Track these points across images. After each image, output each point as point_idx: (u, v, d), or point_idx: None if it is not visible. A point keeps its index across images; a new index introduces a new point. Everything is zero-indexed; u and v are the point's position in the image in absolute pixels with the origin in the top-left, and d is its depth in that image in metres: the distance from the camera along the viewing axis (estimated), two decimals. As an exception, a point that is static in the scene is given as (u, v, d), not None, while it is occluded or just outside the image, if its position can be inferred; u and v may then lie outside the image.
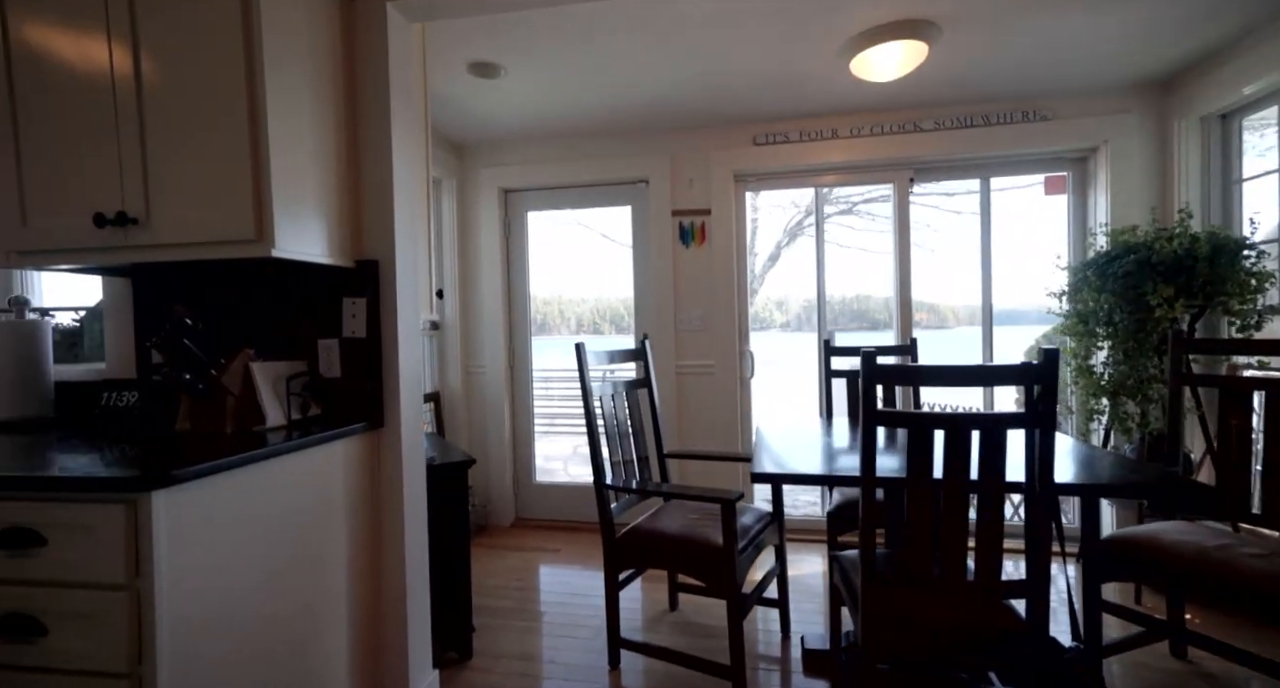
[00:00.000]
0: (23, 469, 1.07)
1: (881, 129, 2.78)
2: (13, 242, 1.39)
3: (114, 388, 1.60)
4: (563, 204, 3.29)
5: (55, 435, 1.44)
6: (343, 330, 1.57)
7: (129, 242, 1.33)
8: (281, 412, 1.46)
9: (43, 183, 1.37)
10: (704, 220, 3.01)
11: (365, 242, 1.59)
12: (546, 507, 3.34)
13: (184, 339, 1.27)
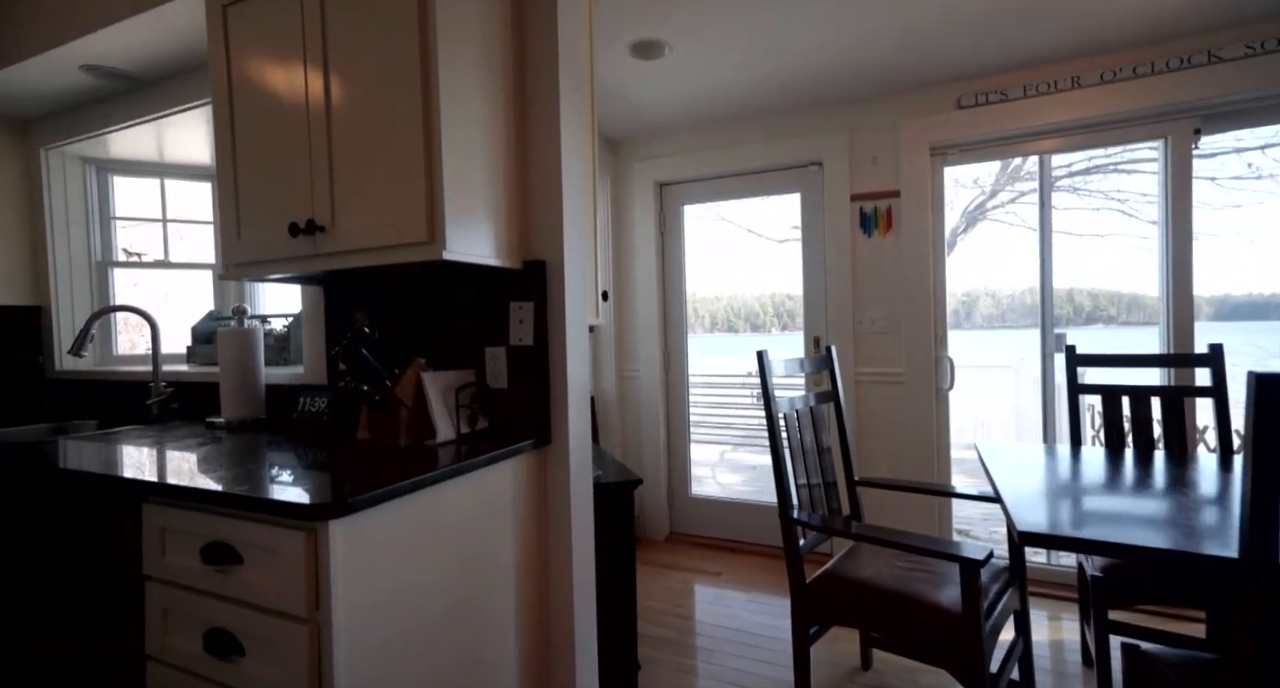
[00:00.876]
0: (224, 477, 1.07)
1: (1151, 68, 2.12)
2: (232, 255, 1.46)
3: (309, 393, 1.66)
4: (722, 195, 3.03)
5: (262, 438, 1.50)
6: (509, 338, 1.46)
7: (318, 249, 1.32)
8: (451, 424, 1.38)
9: (252, 199, 1.43)
10: (890, 204, 2.56)
11: (532, 241, 1.47)
12: (703, 522, 3.11)
13: (361, 349, 1.22)
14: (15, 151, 2.45)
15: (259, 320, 2.31)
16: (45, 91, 2.19)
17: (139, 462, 1.26)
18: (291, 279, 1.63)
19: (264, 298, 2.74)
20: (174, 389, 2.04)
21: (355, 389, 1.25)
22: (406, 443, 1.32)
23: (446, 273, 1.47)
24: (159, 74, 2.06)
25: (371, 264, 1.27)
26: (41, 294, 2.49)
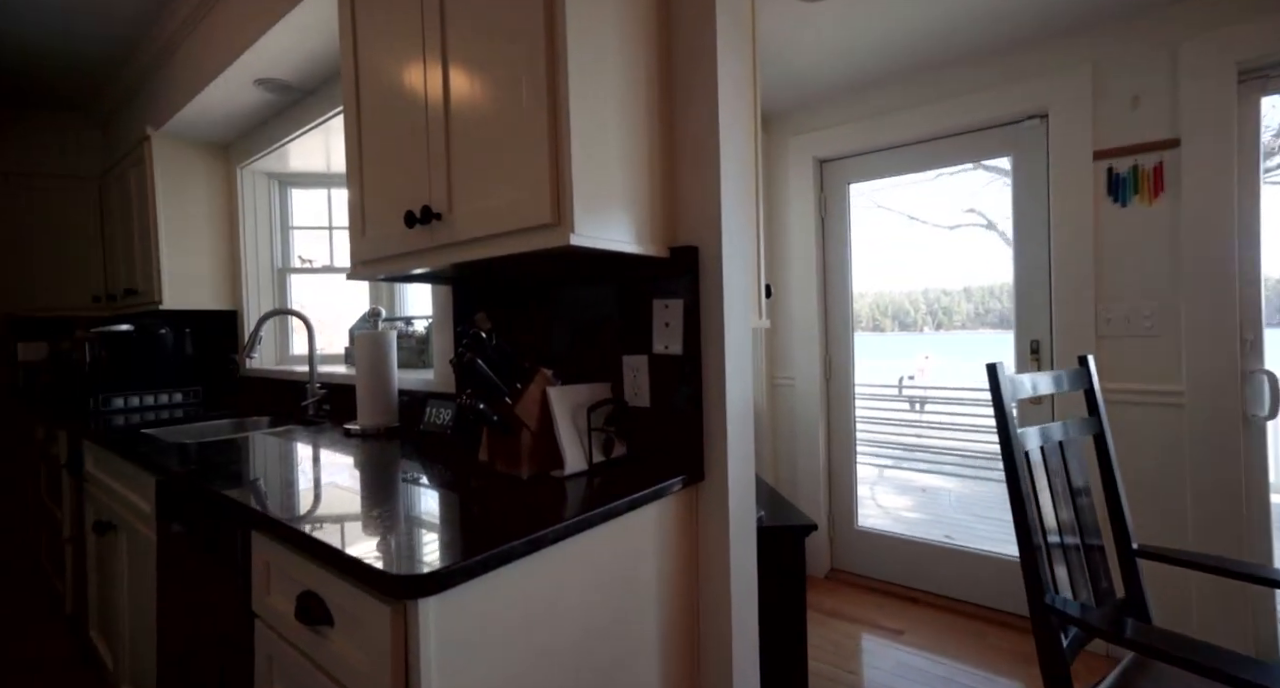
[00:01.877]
0: (323, 512, 0.90)
1: None
2: (358, 252, 1.35)
3: (436, 402, 1.52)
4: (899, 168, 2.50)
5: (388, 452, 1.37)
6: (653, 344, 1.17)
7: (434, 241, 1.13)
8: (582, 451, 1.12)
9: (375, 191, 1.30)
10: (1161, 160, 1.86)
11: (681, 223, 1.16)
12: (874, 561, 2.60)
13: (477, 360, 1.00)
14: (220, 172, 2.72)
15: (402, 322, 2.29)
16: (233, 112, 2.37)
17: (259, 478, 1.17)
18: (416, 277, 1.49)
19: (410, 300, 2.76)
20: (326, 391, 2.06)
21: (473, 408, 1.03)
22: (530, 474, 1.08)
23: (576, 266, 1.22)
24: (315, 81, 2.10)
25: (490, 255, 1.04)
26: (237, 299, 2.74)
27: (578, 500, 0.94)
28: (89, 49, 2.48)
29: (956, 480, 4.30)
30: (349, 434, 1.60)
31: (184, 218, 2.60)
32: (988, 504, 3.75)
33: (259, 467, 1.26)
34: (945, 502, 4.12)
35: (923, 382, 5.55)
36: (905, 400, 5.41)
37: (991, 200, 2.55)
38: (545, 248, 0.95)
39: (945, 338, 5.32)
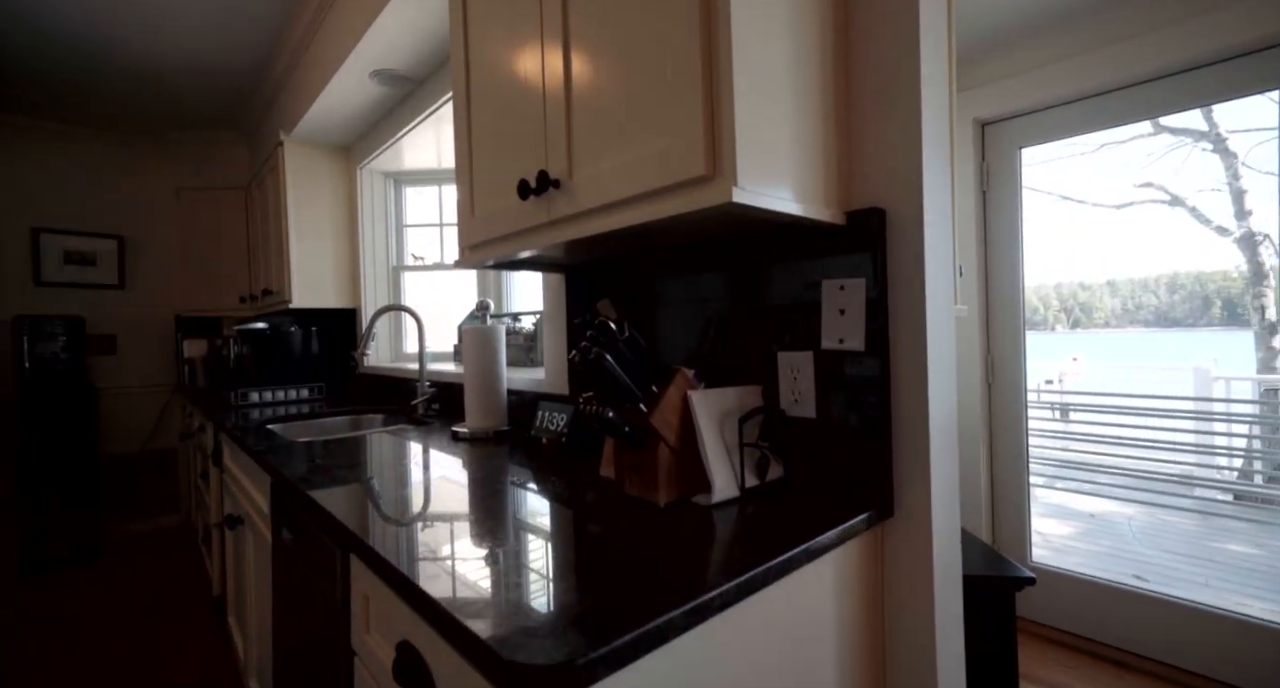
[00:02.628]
0: (421, 543, 0.73)
1: None
2: (465, 236, 1.20)
3: (548, 405, 1.35)
4: (1090, 124, 2.02)
5: (496, 460, 1.22)
6: (821, 338, 0.91)
7: (552, 214, 0.95)
8: (731, 472, 0.88)
9: (484, 164, 1.14)
10: None
11: (859, 179, 0.89)
12: (1054, 607, 2.13)
13: (605, 357, 0.79)
14: (342, 174, 2.79)
15: (509, 319, 2.19)
16: (352, 112, 2.39)
17: (362, 489, 1.04)
18: (526, 264, 1.33)
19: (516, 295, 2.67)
20: (435, 390, 1.99)
21: (598, 416, 0.83)
22: (669, 500, 0.86)
23: (717, 244, 0.99)
24: (426, 69, 2.04)
25: (620, 226, 0.83)
26: (356, 298, 2.80)
27: (733, 540, 0.71)
28: (236, 63, 2.62)
29: (1134, 506, 3.57)
30: (456, 438, 1.48)
31: (311, 219, 2.69)
32: (1188, 538, 3.04)
33: (362, 475, 1.15)
34: (1124, 532, 3.42)
35: (1070, 386, 4.75)
36: (1045, 407, 4.66)
37: (1174, 171, 2.02)
38: (695, 209, 0.73)
39: (1084, 338, 4.56)
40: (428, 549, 0.72)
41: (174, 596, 2.61)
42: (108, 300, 3.47)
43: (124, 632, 2.26)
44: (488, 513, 0.87)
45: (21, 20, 2.23)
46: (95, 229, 3.44)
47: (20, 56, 2.50)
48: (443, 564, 0.67)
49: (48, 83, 2.76)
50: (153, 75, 2.70)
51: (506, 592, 0.60)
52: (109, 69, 2.63)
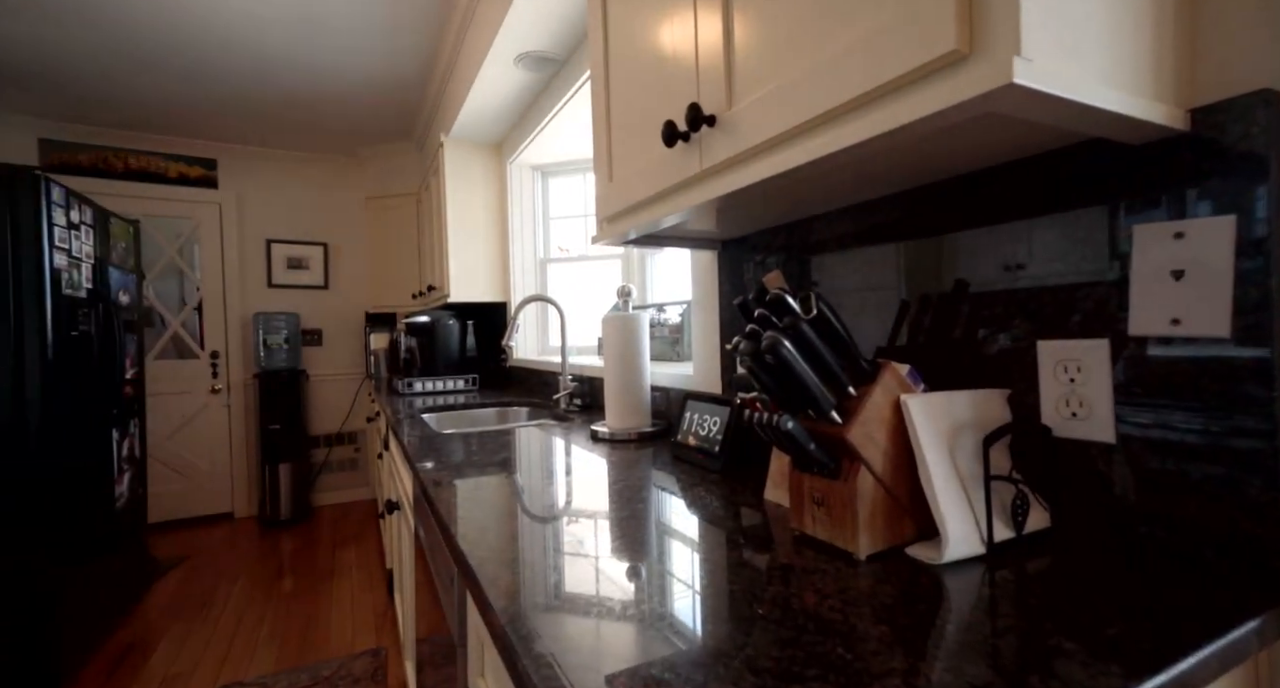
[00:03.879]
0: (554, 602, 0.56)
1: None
2: (604, 206, 1.04)
3: (698, 405, 1.14)
4: None
5: (637, 471, 1.04)
6: (1130, 318, 0.58)
7: (705, 162, 0.73)
8: (971, 516, 0.59)
9: (623, 117, 0.96)
10: None
11: (1209, 58, 0.54)
12: None
13: (781, 344, 0.55)
14: (494, 170, 2.87)
15: (653, 309, 2.02)
16: (500, 104, 2.40)
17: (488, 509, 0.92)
18: (672, 239, 1.13)
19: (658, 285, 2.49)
20: (577, 384, 1.89)
21: (771, 426, 0.60)
22: (872, 551, 0.60)
23: (928, 189, 0.69)
24: (568, 48, 1.95)
25: (806, 161, 0.59)
26: (506, 291, 2.86)
27: (994, 636, 0.43)
28: (405, 77, 2.80)
29: None
30: (596, 438, 1.34)
31: (467, 216, 2.79)
32: None
33: (491, 485, 1.03)
34: None
35: None
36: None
37: None
38: (938, 110, 0.46)
39: None
40: (543, 597, 0.55)
41: (360, 560, 2.88)
42: (316, 299, 3.99)
43: (323, 584, 2.53)
44: (627, 549, 0.68)
45: (262, 77, 2.58)
46: (307, 238, 3.97)
47: (250, 99, 2.92)
48: (565, 617, 0.49)
49: (270, 117, 3.20)
50: (341, 100, 3.00)
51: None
52: (308, 99, 2.97)
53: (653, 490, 0.89)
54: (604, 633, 0.47)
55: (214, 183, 3.69)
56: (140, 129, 3.43)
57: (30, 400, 1.80)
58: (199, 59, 2.58)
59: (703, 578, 0.57)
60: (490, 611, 0.52)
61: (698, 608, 0.51)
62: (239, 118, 3.27)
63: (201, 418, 3.63)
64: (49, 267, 1.83)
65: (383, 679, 1.86)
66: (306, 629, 2.21)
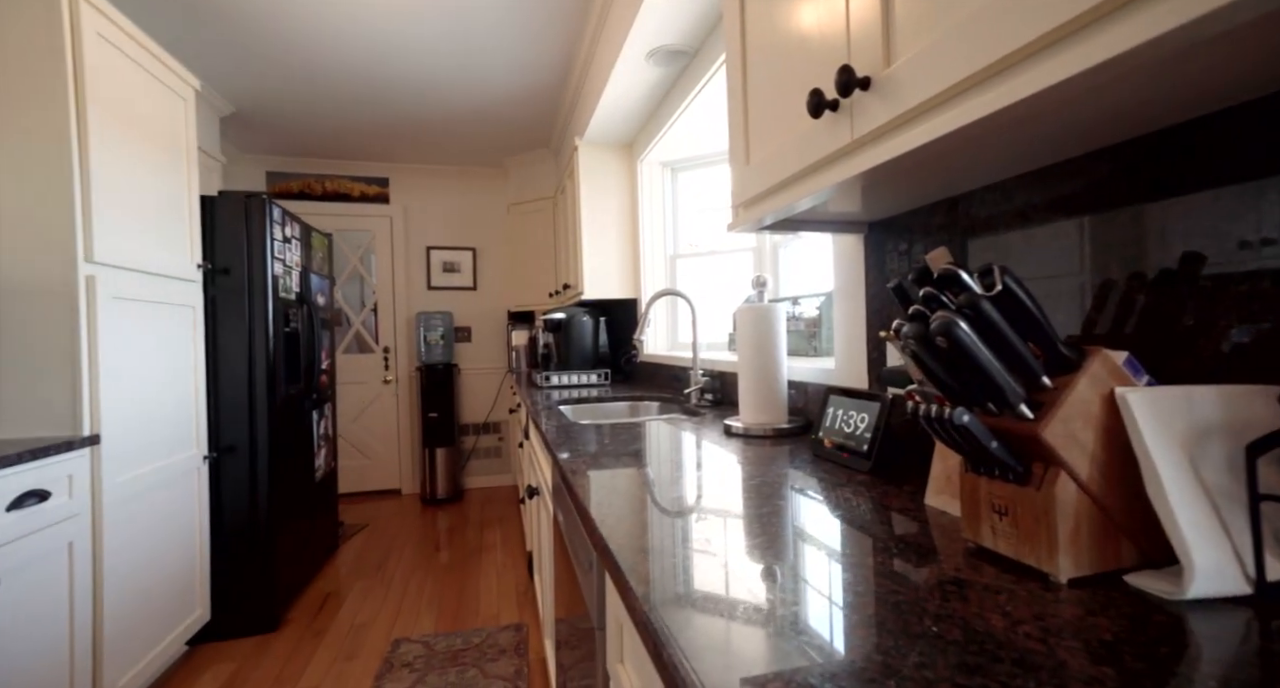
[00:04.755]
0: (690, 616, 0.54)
1: None
2: (740, 191, 1.00)
3: (841, 401, 1.06)
4: None
5: (774, 469, 0.98)
6: None
7: (856, 131, 0.67)
8: (1227, 544, 0.47)
9: (762, 93, 0.92)
10: None
11: None
12: None
13: (960, 326, 0.48)
14: (625, 170, 2.94)
15: (788, 302, 1.93)
16: (632, 103, 2.45)
17: (621, 493, 0.92)
18: (812, 223, 1.06)
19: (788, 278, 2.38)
20: (708, 379, 1.87)
21: (940, 420, 0.53)
22: (1076, 574, 0.50)
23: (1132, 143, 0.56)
24: (698, 38, 1.93)
25: (985, 113, 0.50)
26: (637, 288, 2.91)
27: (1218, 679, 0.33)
28: (543, 87, 2.98)
29: None
30: (729, 433, 1.30)
31: (599, 216, 2.88)
32: None
33: (629, 469, 1.04)
34: None
35: None
36: None
37: None
38: (1195, 19, 0.36)
39: None
40: (679, 593, 0.53)
41: (503, 541, 3.11)
42: (466, 299, 4.39)
43: (472, 559, 2.78)
44: (760, 552, 0.64)
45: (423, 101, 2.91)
46: (459, 243, 4.39)
47: (413, 121, 3.29)
48: (700, 613, 0.47)
49: (429, 136, 3.58)
50: (488, 115, 3.26)
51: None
52: (461, 116, 3.27)
53: (791, 489, 0.84)
54: (736, 635, 0.44)
55: (386, 199, 4.21)
56: (333, 157, 4.02)
57: (257, 383, 2.18)
58: (374, 91, 2.95)
59: (853, 586, 0.51)
60: (633, 596, 0.52)
61: (845, 618, 0.46)
62: (405, 139, 3.70)
63: (376, 405, 4.16)
64: (271, 273, 2.21)
65: (524, 653, 1.98)
66: (459, 599, 2.44)
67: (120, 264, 1.64)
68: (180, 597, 1.90)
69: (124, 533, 1.62)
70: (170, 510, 1.85)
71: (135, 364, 1.70)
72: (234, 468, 2.15)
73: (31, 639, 1.32)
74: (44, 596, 1.36)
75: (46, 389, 1.48)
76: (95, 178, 1.55)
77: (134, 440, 1.68)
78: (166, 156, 1.90)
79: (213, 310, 2.13)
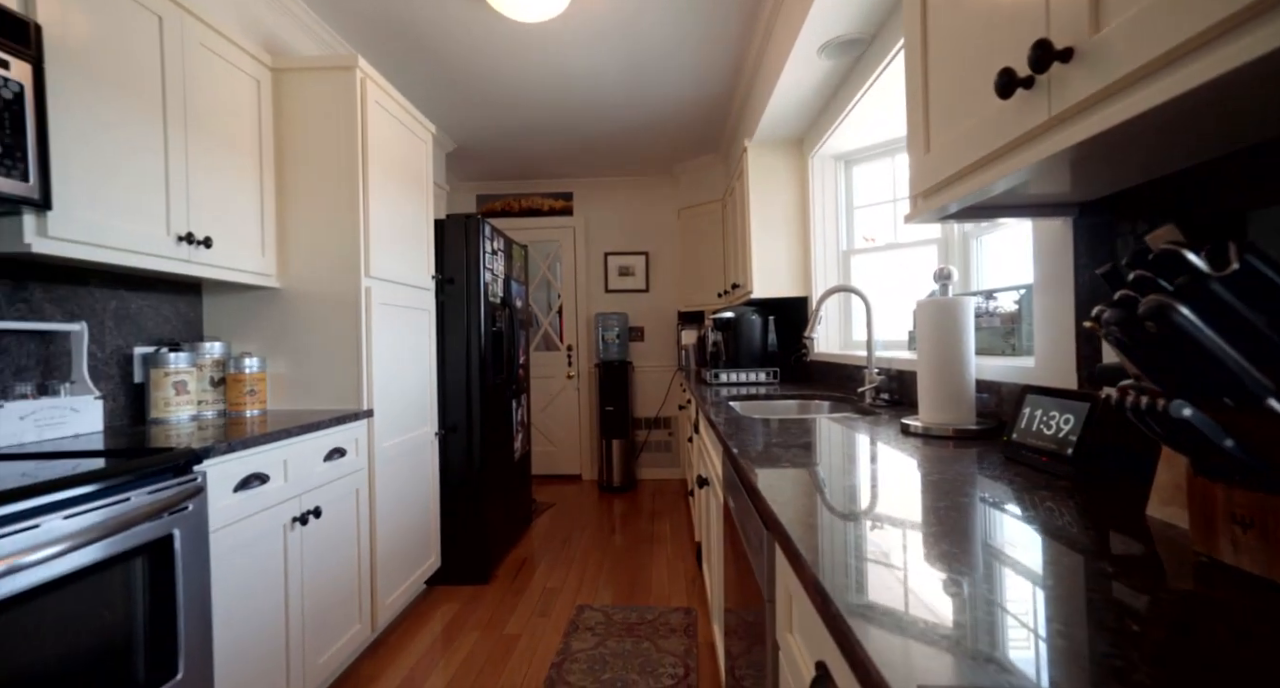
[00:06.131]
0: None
1: None
2: (919, 180, 0.97)
3: (1042, 400, 0.96)
4: None
5: (961, 468, 0.93)
6: None
7: (1055, 106, 0.63)
8: None
9: (943, 73, 0.88)
10: None
11: None
12: None
13: (1179, 310, 0.44)
14: (795, 167, 2.90)
15: (980, 297, 1.76)
16: (802, 98, 2.42)
17: (797, 476, 0.95)
18: (1005, 208, 0.98)
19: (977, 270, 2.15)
20: (884, 377, 1.78)
21: (1156, 415, 0.48)
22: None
23: None
24: (874, 24, 1.84)
25: (1245, 61, 0.45)
26: (807, 286, 2.86)
27: None
28: (712, 92, 3.07)
29: None
30: (906, 432, 1.24)
31: (768, 215, 2.88)
32: None
33: (801, 461, 1.07)
34: None
35: None
36: None
37: None
38: None
39: None
40: (856, 568, 0.56)
41: (673, 532, 3.27)
42: (639, 301, 4.68)
43: (644, 546, 2.97)
44: (945, 562, 0.63)
45: (603, 117, 3.21)
46: (632, 248, 4.69)
47: (593, 137, 3.62)
48: (877, 590, 0.50)
49: (607, 149, 3.90)
50: (660, 124, 3.45)
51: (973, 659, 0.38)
52: (636, 128, 3.51)
53: (978, 495, 0.79)
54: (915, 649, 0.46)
55: (570, 211, 4.67)
56: (527, 177, 4.58)
57: (472, 374, 2.60)
58: (561, 117, 3.31)
59: (1060, 606, 0.49)
60: (801, 562, 0.56)
61: (1054, 645, 0.45)
62: (586, 156, 4.07)
63: (561, 398, 4.63)
64: (482, 281, 2.62)
65: (694, 635, 2.08)
66: (634, 578, 2.63)
67: (384, 277, 2.09)
68: (421, 544, 2.35)
69: (387, 488, 2.07)
70: (414, 475, 2.31)
71: (392, 357, 2.16)
72: (456, 444, 2.59)
73: (338, 554, 1.77)
74: (344, 526, 1.81)
75: (342, 374, 1.96)
76: (372, 212, 2.01)
77: (393, 416, 2.13)
78: (412, 190, 2.37)
79: (441, 313, 2.59)
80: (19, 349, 1.45)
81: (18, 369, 1.45)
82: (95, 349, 1.63)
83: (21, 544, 0.88)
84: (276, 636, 1.49)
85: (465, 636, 2.14)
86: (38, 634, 0.91)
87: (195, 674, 1.19)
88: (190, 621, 1.18)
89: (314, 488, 1.66)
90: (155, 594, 1.11)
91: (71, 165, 1.26)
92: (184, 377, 1.75)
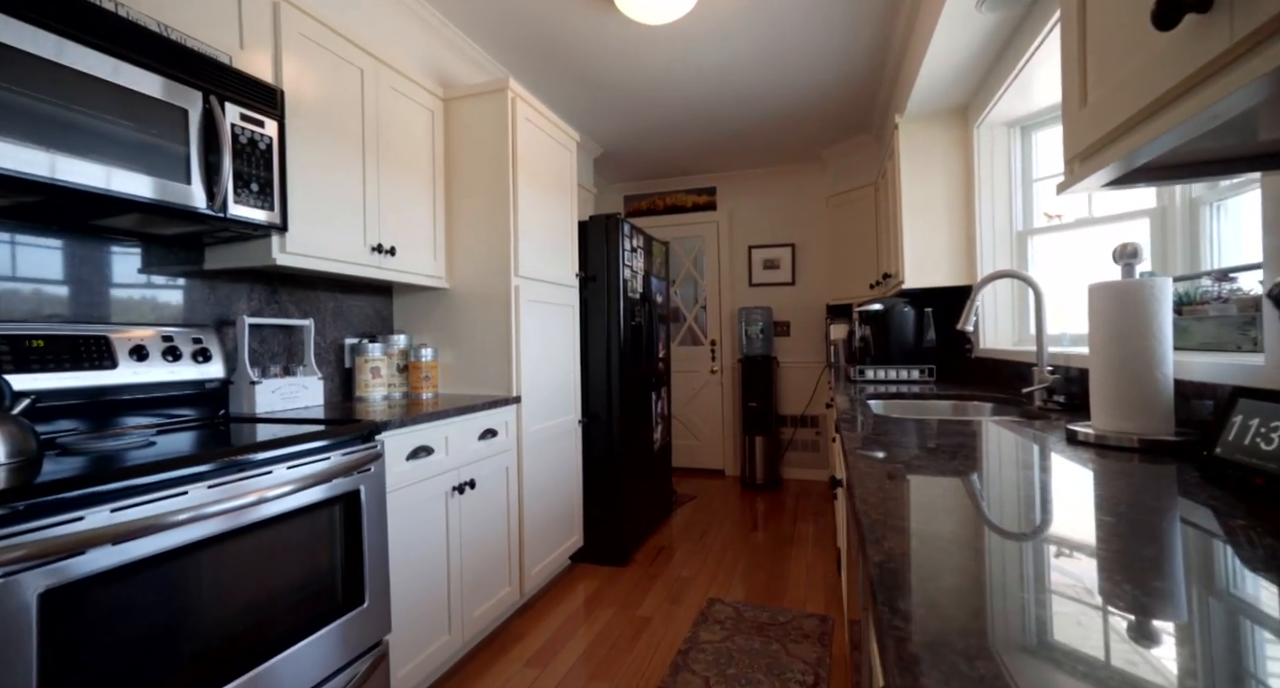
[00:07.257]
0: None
1: None
2: (1074, 141, 0.82)
3: (1259, 406, 0.75)
4: None
5: (1141, 485, 0.77)
6: None
7: (1238, 31, 0.49)
8: None
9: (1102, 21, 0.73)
10: None
11: None
12: None
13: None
14: (956, 139, 2.58)
15: (1206, 279, 1.42)
16: (961, 62, 2.14)
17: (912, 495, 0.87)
18: (1196, 167, 0.78)
19: (1224, 246, 1.73)
20: (1057, 376, 1.51)
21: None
22: None
23: None
24: (1054, -41, 1.57)
25: None
26: (971, 274, 2.53)
27: None
28: (858, 71, 2.86)
29: None
30: (1074, 440, 1.05)
31: (922, 195, 2.60)
32: None
33: (939, 484, 0.97)
34: None
35: None
36: None
37: None
38: None
39: None
40: (1019, 643, 0.50)
41: (816, 535, 3.13)
42: (784, 294, 4.52)
43: (784, 547, 2.89)
44: (1141, 603, 0.54)
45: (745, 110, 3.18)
46: (778, 241, 4.54)
47: (735, 131, 3.57)
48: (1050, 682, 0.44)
49: (749, 141, 3.82)
50: (803, 110, 3.29)
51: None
52: (778, 117, 3.39)
53: (1171, 520, 0.65)
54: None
55: (714, 206, 4.66)
56: (671, 175, 4.67)
57: (612, 366, 2.75)
58: (703, 114, 3.32)
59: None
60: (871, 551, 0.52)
61: None
62: (729, 149, 4.03)
63: (704, 392, 4.65)
64: (622, 277, 2.75)
65: (828, 644, 1.98)
66: (770, 578, 2.57)
67: (531, 276, 2.30)
68: (565, 522, 2.55)
69: (534, 468, 2.28)
70: (559, 459, 2.51)
71: (540, 348, 2.37)
72: (597, 432, 2.76)
73: (491, 523, 2.00)
74: (495, 499, 2.04)
75: (494, 363, 2.20)
76: (521, 218, 2.22)
77: (539, 402, 2.34)
78: (556, 195, 2.57)
79: (584, 309, 2.77)
80: (274, 340, 1.88)
81: (272, 355, 1.87)
82: (319, 339, 2.04)
83: (263, 484, 1.16)
84: (440, 587, 1.74)
85: (601, 611, 2.28)
86: (276, 553, 1.18)
87: (377, 605, 1.44)
88: (373, 562, 1.43)
89: (470, 463, 1.90)
90: (348, 537, 1.37)
91: (297, 195, 1.59)
92: (378, 363, 2.10)
